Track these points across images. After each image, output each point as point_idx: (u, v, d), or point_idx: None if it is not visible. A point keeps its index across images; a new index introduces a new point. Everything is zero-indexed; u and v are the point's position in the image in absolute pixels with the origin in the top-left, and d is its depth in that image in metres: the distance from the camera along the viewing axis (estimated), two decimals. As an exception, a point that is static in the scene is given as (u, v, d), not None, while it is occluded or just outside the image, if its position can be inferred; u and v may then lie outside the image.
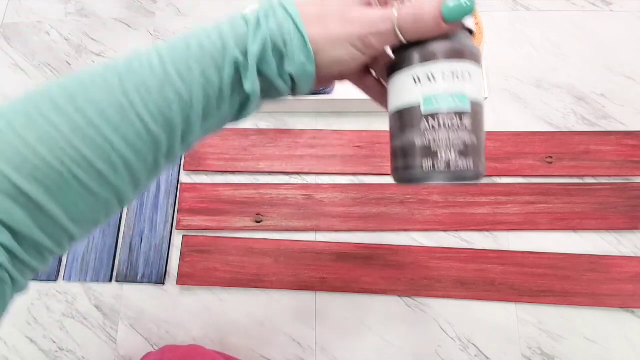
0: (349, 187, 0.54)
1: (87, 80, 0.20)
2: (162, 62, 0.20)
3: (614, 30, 0.60)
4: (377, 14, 0.21)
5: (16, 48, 0.64)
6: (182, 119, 0.21)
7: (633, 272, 0.49)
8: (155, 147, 0.21)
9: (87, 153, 0.19)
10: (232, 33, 0.21)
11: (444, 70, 0.21)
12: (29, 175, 0.18)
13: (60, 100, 0.19)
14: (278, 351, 0.49)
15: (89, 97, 0.19)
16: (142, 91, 0.20)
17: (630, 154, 0.54)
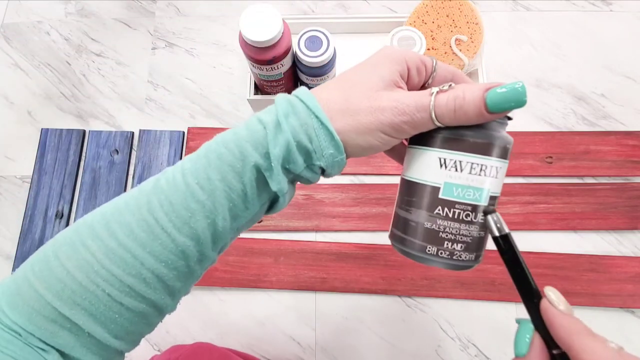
0: (349, 187, 0.54)
1: (122, 205, 0.22)
2: (184, 176, 0.22)
3: (614, 30, 0.60)
4: (410, 101, 0.20)
5: (16, 48, 0.64)
6: (207, 225, 0.22)
7: (633, 272, 0.49)
8: (184, 255, 0.22)
9: (118, 272, 0.20)
10: (250, 137, 0.21)
11: (473, 163, 0.20)
12: (68, 300, 0.20)
13: (98, 227, 0.21)
14: (278, 351, 0.49)
15: (121, 220, 0.21)
16: (165, 206, 0.21)
17: (630, 154, 0.54)
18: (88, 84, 0.61)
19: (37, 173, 0.56)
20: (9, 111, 0.61)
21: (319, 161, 0.22)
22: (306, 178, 0.23)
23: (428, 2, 0.53)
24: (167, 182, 0.22)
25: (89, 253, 0.20)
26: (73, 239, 0.21)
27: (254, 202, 0.22)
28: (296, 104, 0.21)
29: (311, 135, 0.21)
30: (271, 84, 0.52)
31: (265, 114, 0.22)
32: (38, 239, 0.54)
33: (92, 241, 0.21)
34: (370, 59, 0.23)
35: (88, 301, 0.20)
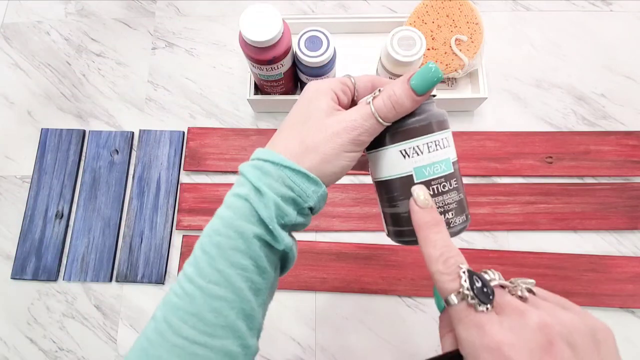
0: (349, 187, 0.54)
1: (144, 343, 0.21)
2: (192, 282, 0.21)
3: (614, 30, 0.60)
4: (355, 115, 0.23)
5: (16, 48, 0.64)
6: (236, 315, 0.22)
7: (633, 272, 0.49)
8: (229, 357, 0.21)
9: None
10: (238, 215, 0.22)
11: (428, 142, 0.23)
12: None
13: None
14: (278, 351, 0.49)
15: (151, 356, 0.21)
16: (189, 321, 0.21)
17: (630, 154, 0.54)
18: (88, 84, 0.61)
19: (37, 173, 0.56)
20: (9, 111, 0.61)
21: (306, 203, 0.23)
22: (301, 224, 0.24)
23: (428, 2, 0.53)
24: (179, 296, 0.21)
25: None
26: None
27: (267, 270, 0.23)
28: (262, 165, 0.23)
29: (290, 184, 0.22)
30: (271, 84, 0.52)
31: (239, 188, 0.23)
32: (38, 239, 0.54)
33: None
34: (301, 98, 0.25)
35: None
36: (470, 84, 0.57)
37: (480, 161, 0.54)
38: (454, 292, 0.19)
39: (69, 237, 0.54)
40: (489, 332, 0.18)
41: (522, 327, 0.18)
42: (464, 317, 0.18)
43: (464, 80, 0.57)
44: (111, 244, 0.53)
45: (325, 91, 0.24)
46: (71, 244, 0.53)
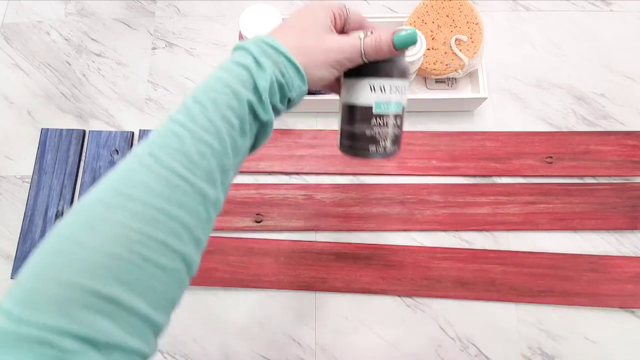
0: (349, 187, 0.54)
1: (125, 172, 0.22)
2: (184, 127, 0.23)
3: (614, 30, 0.60)
4: (347, 43, 0.27)
5: (16, 48, 0.64)
6: (216, 165, 0.23)
7: (633, 272, 0.49)
8: (203, 199, 0.23)
9: (150, 230, 0.20)
10: (237, 79, 0.24)
11: (391, 85, 0.29)
12: (106, 277, 0.19)
13: (112, 199, 0.21)
14: (278, 351, 0.49)
15: (135, 184, 0.21)
16: (177, 156, 0.22)
17: (630, 154, 0.54)
18: (88, 84, 0.61)
19: (37, 173, 0.56)
20: (9, 111, 0.61)
21: (289, 93, 0.26)
22: (279, 110, 0.27)
23: (428, 2, 0.53)
24: (165, 137, 0.22)
25: (116, 224, 0.20)
26: (87, 220, 0.20)
27: (246, 136, 0.25)
28: (265, 47, 0.25)
29: (283, 71, 0.25)
30: (271, 84, 0.52)
31: (241, 58, 0.25)
32: (38, 239, 0.53)
33: (113, 213, 0.20)
34: (306, 7, 0.29)
35: (126, 272, 0.19)
36: (470, 84, 0.57)
37: (480, 161, 0.54)
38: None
39: (69, 237, 0.54)
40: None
41: None
42: None
43: (464, 80, 0.57)
44: (111, 244, 0.53)
45: (327, 9, 0.28)
46: (71, 244, 0.53)
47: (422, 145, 0.55)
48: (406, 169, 0.54)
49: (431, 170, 0.54)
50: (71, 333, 0.18)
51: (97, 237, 0.19)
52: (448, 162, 0.54)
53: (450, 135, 0.56)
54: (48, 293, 0.18)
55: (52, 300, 0.18)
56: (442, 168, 0.54)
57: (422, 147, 0.55)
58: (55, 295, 0.18)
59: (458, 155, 0.55)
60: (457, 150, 0.55)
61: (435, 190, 0.53)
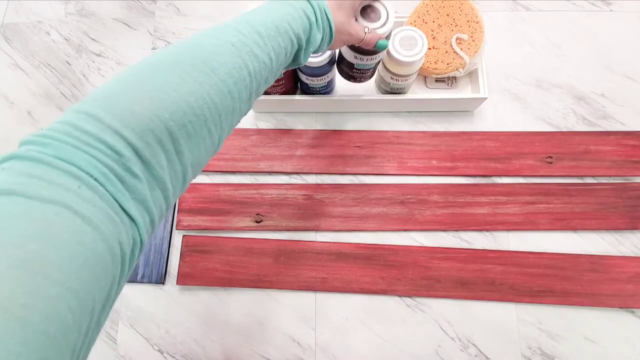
0: (349, 187, 0.54)
1: (213, 48, 0.25)
2: (263, 39, 0.28)
3: (614, 30, 0.60)
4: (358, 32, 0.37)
5: (16, 48, 0.64)
6: (265, 77, 0.29)
7: (633, 272, 0.49)
8: (250, 96, 0.28)
9: (217, 101, 0.24)
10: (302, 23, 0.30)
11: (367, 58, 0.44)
12: (179, 121, 0.22)
13: (198, 64, 0.24)
14: (278, 351, 0.49)
15: (219, 61, 0.25)
16: (251, 57, 0.27)
17: (630, 154, 0.54)
18: (88, 84, 0.61)
19: (37, 173, 0.56)
20: (9, 111, 0.61)
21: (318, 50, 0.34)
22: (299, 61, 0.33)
23: (428, 1, 0.53)
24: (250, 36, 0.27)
25: (198, 84, 0.23)
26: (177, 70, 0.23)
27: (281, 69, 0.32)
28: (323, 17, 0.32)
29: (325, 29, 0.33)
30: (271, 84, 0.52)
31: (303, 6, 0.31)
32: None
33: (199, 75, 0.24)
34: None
35: (192, 124, 0.23)
36: (470, 84, 0.57)
37: (480, 161, 0.54)
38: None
39: (69, 237, 0.54)
40: None
41: None
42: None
43: (464, 80, 0.57)
44: (111, 243, 0.53)
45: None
46: (71, 243, 0.53)
47: (422, 145, 0.55)
48: (406, 169, 0.54)
49: (431, 170, 0.54)
50: (142, 155, 0.20)
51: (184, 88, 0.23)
52: (448, 162, 0.54)
53: (450, 135, 0.56)
54: (139, 113, 0.20)
55: (139, 121, 0.20)
56: (442, 168, 0.54)
57: (422, 147, 0.55)
58: (143, 118, 0.20)
59: (458, 155, 0.55)
60: (457, 150, 0.55)
61: (435, 190, 0.53)
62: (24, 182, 0.16)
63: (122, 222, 0.19)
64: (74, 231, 0.16)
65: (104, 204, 0.18)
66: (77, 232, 0.16)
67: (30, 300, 0.13)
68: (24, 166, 0.17)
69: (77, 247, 0.16)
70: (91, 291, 0.16)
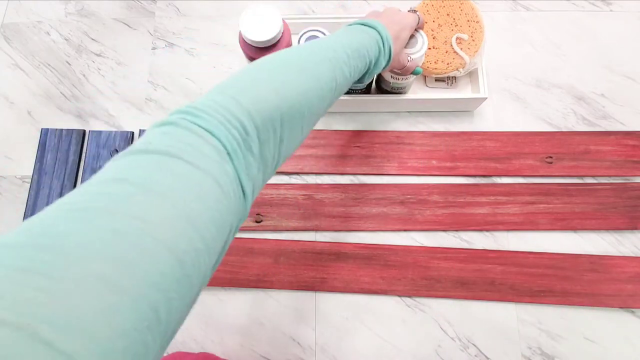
0: (349, 187, 0.54)
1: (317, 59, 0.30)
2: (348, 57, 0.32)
3: (614, 30, 0.60)
4: (403, 60, 0.43)
5: (16, 48, 0.64)
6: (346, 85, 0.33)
7: (633, 272, 0.49)
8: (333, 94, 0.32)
9: (315, 103, 0.28)
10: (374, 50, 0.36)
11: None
12: (290, 114, 0.26)
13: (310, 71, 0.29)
14: (278, 351, 0.49)
15: (321, 71, 0.29)
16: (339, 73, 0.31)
17: (630, 154, 0.54)
18: (88, 84, 0.61)
19: (37, 173, 0.56)
20: (9, 111, 0.61)
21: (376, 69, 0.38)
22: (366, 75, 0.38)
23: (428, 1, 0.53)
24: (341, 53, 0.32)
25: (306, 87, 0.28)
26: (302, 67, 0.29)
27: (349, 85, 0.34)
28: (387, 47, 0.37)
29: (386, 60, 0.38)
30: (271, 84, 0.52)
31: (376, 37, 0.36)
32: (38, 239, 0.53)
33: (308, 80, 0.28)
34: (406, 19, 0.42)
35: (296, 119, 0.26)
36: (470, 84, 0.57)
37: (480, 161, 0.54)
38: None
39: (69, 237, 0.54)
40: None
41: None
42: None
43: (464, 80, 0.57)
44: (111, 243, 0.53)
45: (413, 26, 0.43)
46: (71, 243, 0.53)
47: (422, 145, 0.55)
48: (406, 169, 0.54)
49: (431, 170, 0.54)
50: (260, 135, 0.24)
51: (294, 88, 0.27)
52: (448, 162, 0.54)
53: (450, 135, 0.56)
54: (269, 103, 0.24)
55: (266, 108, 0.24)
56: (442, 168, 0.54)
57: (422, 147, 0.55)
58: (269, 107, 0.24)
59: (458, 155, 0.55)
60: (457, 150, 0.55)
61: (435, 190, 0.53)
62: (183, 149, 0.20)
63: (240, 196, 0.22)
64: (217, 199, 0.20)
65: (233, 177, 0.21)
66: (219, 200, 0.20)
67: (187, 248, 0.17)
68: (182, 134, 0.20)
69: (217, 213, 0.20)
70: (216, 249, 0.20)
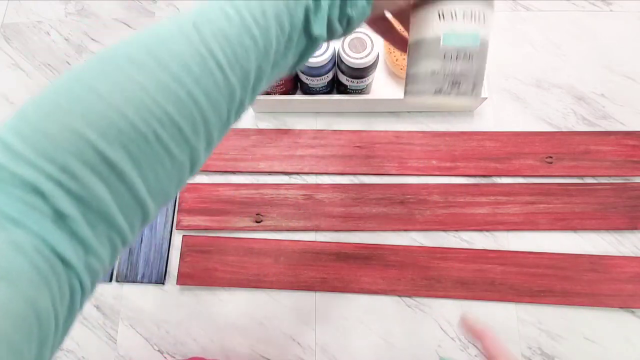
0: (349, 187, 0.54)
1: (163, 33, 0.19)
2: (238, 10, 0.19)
3: (614, 30, 0.60)
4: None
5: (16, 48, 0.64)
6: (255, 66, 0.20)
7: (633, 272, 0.49)
8: (230, 99, 0.20)
9: (172, 110, 0.18)
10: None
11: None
12: (114, 141, 0.16)
13: (140, 57, 0.18)
14: (278, 351, 0.49)
15: (170, 50, 0.18)
16: (220, 39, 0.19)
17: (630, 154, 0.54)
18: (88, 84, 0.61)
19: (37, 173, 0.56)
20: (9, 111, 0.61)
21: (350, 10, 0.22)
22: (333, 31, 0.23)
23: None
24: (215, 14, 0.19)
25: (137, 85, 0.17)
26: (108, 70, 0.17)
27: (292, 48, 0.22)
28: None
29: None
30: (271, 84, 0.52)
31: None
32: (38, 239, 0.53)
33: (138, 72, 0.17)
34: None
35: (136, 144, 0.17)
36: (470, 84, 0.57)
37: (480, 161, 0.54)
38: None
39: (69, 237, 0.54)
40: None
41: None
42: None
43: (464, 80, 0.57)
44: (111, 243, 0.53)
45: None
46: (71, 243, 0.53)
47: (422, 145, 0.55)
48: (406, 169, 0.54)
49: (431, 170, 0.54)
50: (68, 188, 0.16)
51: (117, 94, 0.17)
52: (448, 162, 0.54)
53: (450, 135, 0.56)
54: (54, 136, 0.16)
55: (56, 145, 0.16)
56: (442, 168, 0.54)
57: (422, 147, 0.55)
58: (61, 140, 0.16)
59: (458, 155, 0.55)
60: (457, 150, 0.55)
61: (435, 190, 0.53)
62: None
63: (52, 268, 0.15)
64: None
65: (26, 248, 0.15)
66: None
67: None
68: None
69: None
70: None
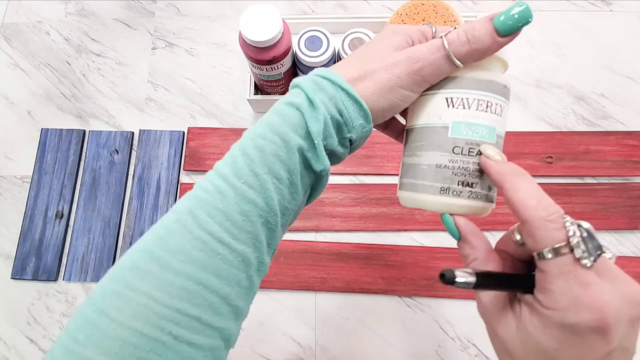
0: (349, 187, 0.54)
1: (161, 231, 0.20)
2: (227, 180, 0.20)
3: (614, 30, 0.60)
4: (422, 48, 0.21)
5: (16, 48, 0.64)
6: (261, 225, 0.21)
7: (633, 272, 0.49)
8: (245, 265, 0.20)
9: (183, 306, 0.18)
10: (286, 122, 0.21)
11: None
12: (130, 358, 0.17)
13: (142, 264, 0.19)
14: (278, 351, 0.49)
15: (169, 247, 0.19)
16: (217, 216, 0.19)
17: (630, 154, 0.54)
18: (88, 84, 0.61)
19: (37, 173, 0.56)
20: (9, 111, 0.61)
21: (349, 133, 0.22)
22: (338, 155, 0.23)
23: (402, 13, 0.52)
24: (208, 192, 0.20)
25: (143, 295, 0.18)
26: (116, 288, 0.18)
27: (298, 190, 0.22)
28: (320, 81, 0.22)
29: (341, 108, 0.21)
30: (271, 84, 0.52)
31: (293, 97, 0.22)
32: (38, 239, 0.54)
33: (142, 281, 0.18)
34: (375, 37, 0.24)
35: (154, 353, 0.17)
36: (470, 84, 0.57)
37: (480, 161, 0.54)
38: (559, 242, 0.19)
39: (69, 237, 0.54)
40: (596, 292, 0.17)
41: (629, 296, 0.18)
42: (567, 271, 0.18)
43: (464, 80, 0.57)
44: (111, 244, 0.53)
45: (401, 32, 0.23)
46: (71, 244, 0.53)
47: (422, 145, 0.55)
48: (406, 169, 0.54)
49: (431, 170, 0.54)
50: None
51: (123, 311, 0.18)
52: (448, 162, 0.54)
53: (450, 135, 0.55)
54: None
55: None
56: (442, 168, 0.54)
57: (422, 147, 0.55)
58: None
59: (458, 155, 0.54)
60: (457, 150, 0.55)
61: (435, 190, 0.53)
62: None
63: None
64: None
65: None
66: None
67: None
68: None
69: None
70: None
